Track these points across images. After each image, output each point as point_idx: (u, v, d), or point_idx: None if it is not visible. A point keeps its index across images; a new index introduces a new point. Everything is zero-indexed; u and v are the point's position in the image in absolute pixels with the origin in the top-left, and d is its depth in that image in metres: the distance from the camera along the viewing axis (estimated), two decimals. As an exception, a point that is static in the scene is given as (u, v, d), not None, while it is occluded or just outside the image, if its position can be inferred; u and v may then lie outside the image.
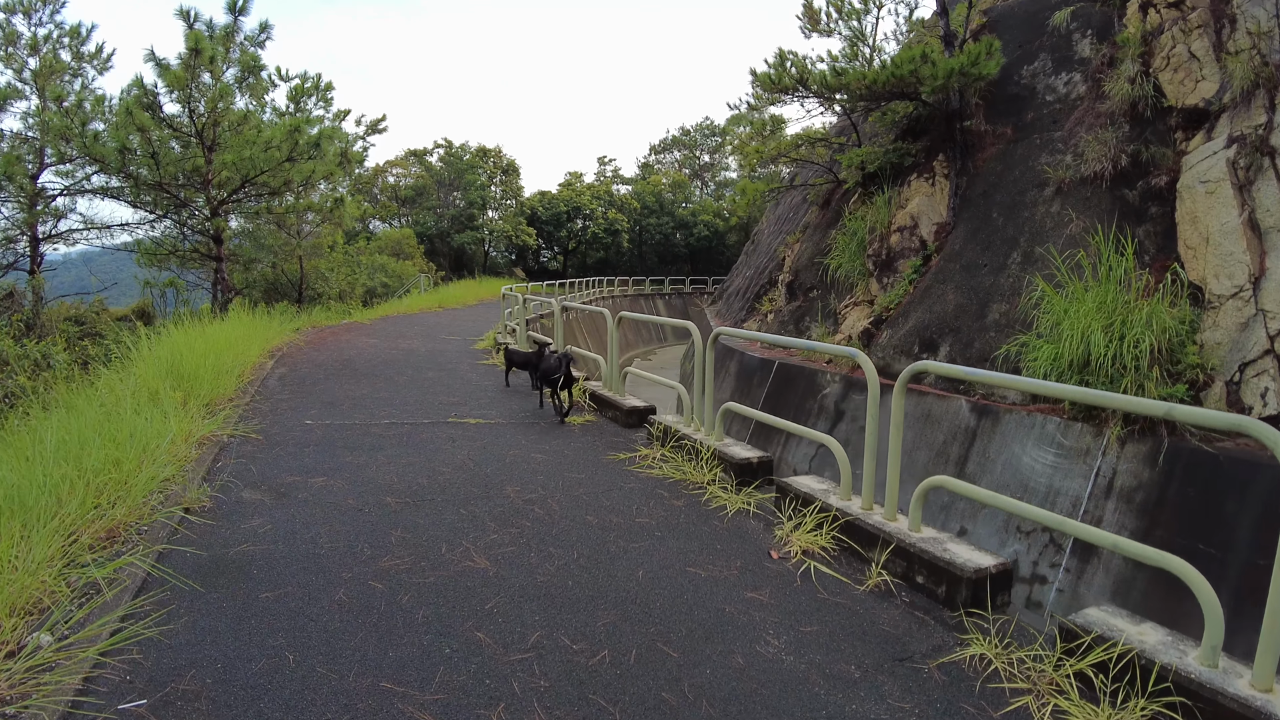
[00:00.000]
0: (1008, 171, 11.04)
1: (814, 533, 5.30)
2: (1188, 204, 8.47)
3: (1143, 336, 7.47)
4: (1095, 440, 7.62)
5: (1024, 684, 3.51)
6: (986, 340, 9.56)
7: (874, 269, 12.55)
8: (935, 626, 4.09)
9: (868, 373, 5.40)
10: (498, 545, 5.12)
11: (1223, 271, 7.88)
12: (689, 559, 4.96)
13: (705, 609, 4.24)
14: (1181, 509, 6.91)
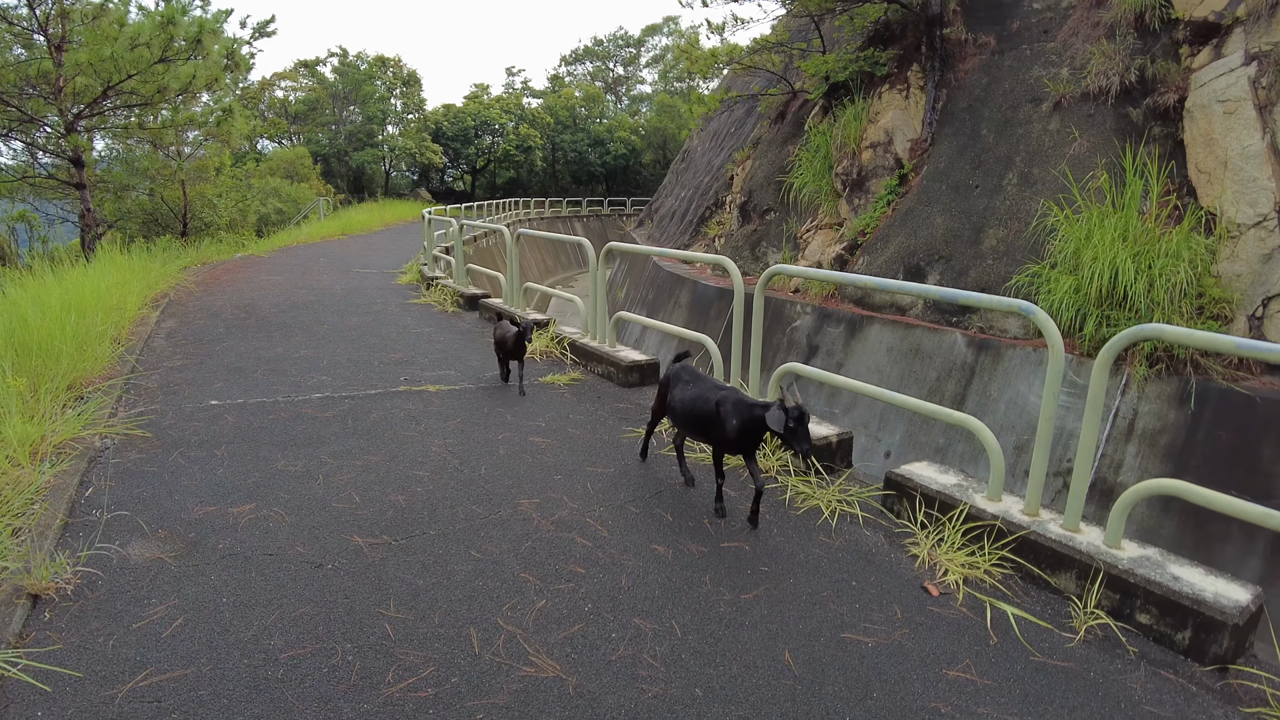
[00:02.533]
0: (995, 85, 10.28)
1: (968, 551, 4.05)
2: (1201, 125, 7.89)
3: (1174, 268, 6.89)
4: (1114, 379, 7.09)
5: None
6: (984, 269, 8.91)
7: (843, 189, 11.72)
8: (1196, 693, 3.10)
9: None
10: (555, 621, 3.39)
11: (1244, 199, 7.36)
12: (830, 613, 3.54)
13: (906, 712, 2.94)
14: (1213, 454, 6.46)
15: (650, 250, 7.25)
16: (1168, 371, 6.80)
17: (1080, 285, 7.21)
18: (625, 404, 6.62)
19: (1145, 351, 6.88)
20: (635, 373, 7.13)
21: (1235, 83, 7.74)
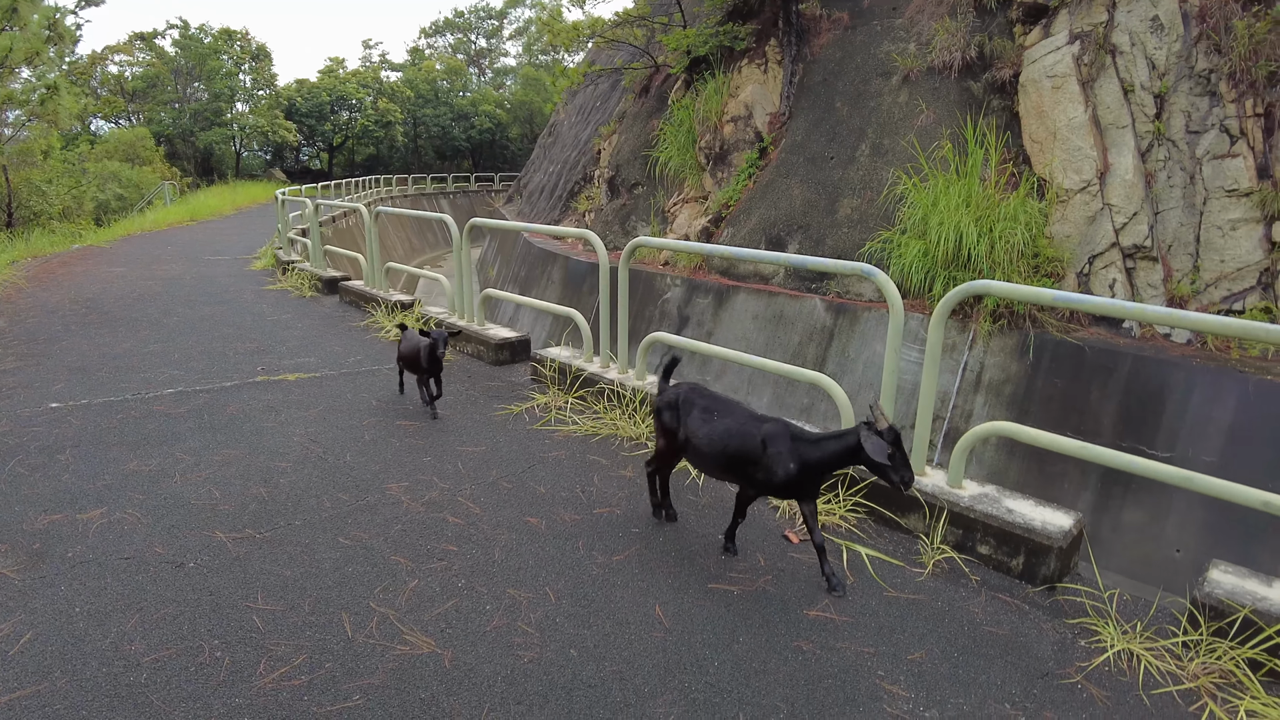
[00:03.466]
0: (848, 59, 10.66)
1: (824, 500, 4.27)
2: (1033, 98, 8.46)
3: (1011, 230, 7.38)
4: (961, 335, 7.54)
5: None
6: (840, 236, 9.26)
7: (707, 162, 11.91)
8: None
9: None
10: (428, 600, 3.36)
11: (1071, 166, 7.95)
12: (698, 566, 3.67)
13: (770, 652, 3.09)
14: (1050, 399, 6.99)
15: (516, 226, 7.06)
16: (1009, 327, 7.30)
17: (928, 249, 7.61)
18: (496, 382, 6.55)
19: (989, 309, 7.34)
20: (505, 350, 7.03)
21: (1062, 60, 8.32)
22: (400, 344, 5.86)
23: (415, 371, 5.65)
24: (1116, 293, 7.34)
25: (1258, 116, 7.48)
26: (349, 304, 9.92)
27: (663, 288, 10.77)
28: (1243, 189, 7.21)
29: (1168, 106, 7.91)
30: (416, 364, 5.58)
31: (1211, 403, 6.39)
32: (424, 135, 60.81)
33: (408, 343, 5.69)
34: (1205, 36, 7.96)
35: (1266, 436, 6.11)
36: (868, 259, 8.46)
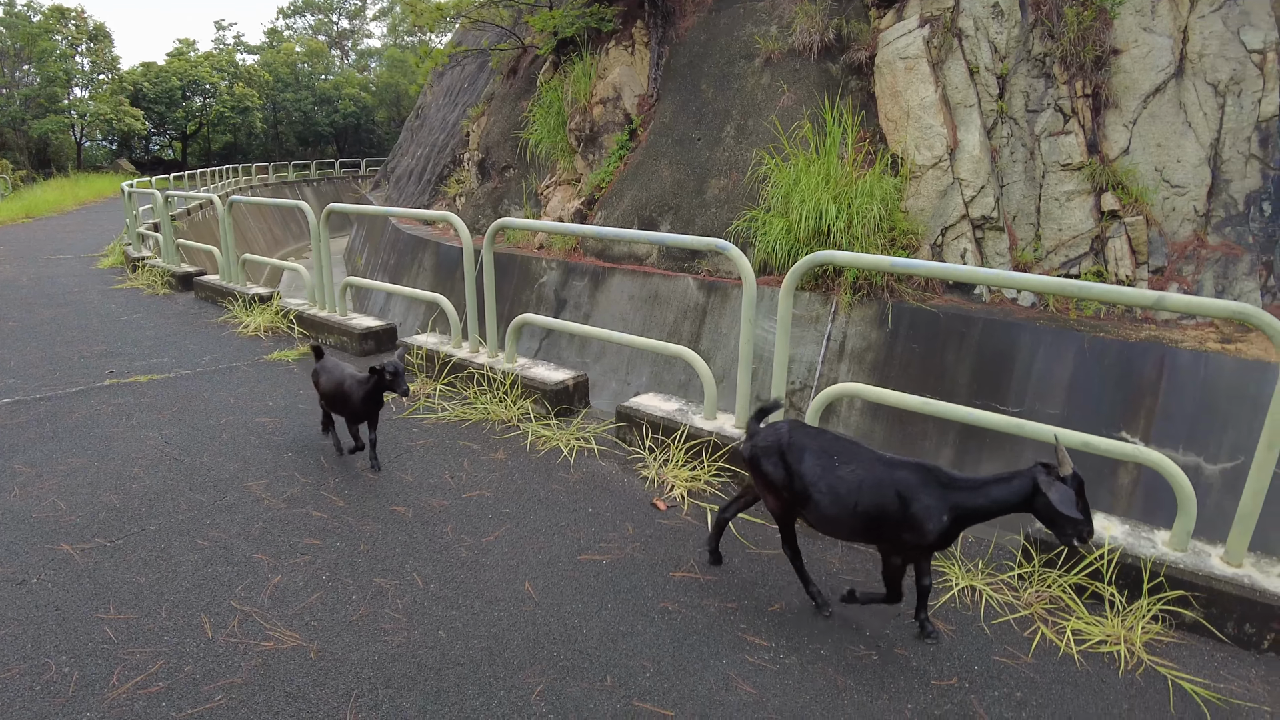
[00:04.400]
0: (713, 41, 10.79)
1: (690, 468, 4.32)
2: (888, 79, 8.79)
3: (869, 206, 7.65)
4: (824, 307, 7.79)
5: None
6: (709, 216, 9.39)
7: (578, 145, 11.83)
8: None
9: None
10: (291, 595, 3.25)
11: (923, 143, 8.32)
12: (568, 540, 3.74)
13: (638, 615, 3.17)
14: (909, 364, 7.32)
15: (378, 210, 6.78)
16: (869, 298, 7.58)
17: (791, 226, 7.81)
18: (363, 374, 6.30)
19: (849, 282, 7.61)
20: (370, 340, 6.77)
21: (913, 43, 8.67)
22: (317, 377, 4.43)
23: (342, 412, 4.27)
24: (967, 261, 7.76)
25: (1086, 97, 8.03)
26: (205, 300, 9.33)
27: (538, 271, 10.65)
28: (1075, 163, 7.73)
29: (1009, 87, 8.39)
30: (344, 403, 4.18)
31: (1054, 360, 6.85)
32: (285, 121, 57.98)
33: (329, 375, 4.32)
34: (1040, 22, 8.47)
35: (1098, 387, 6.61)
36: (735, 237, 8.61)
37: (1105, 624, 3.19)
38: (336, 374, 4.28)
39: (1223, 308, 3.16)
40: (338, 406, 4.29)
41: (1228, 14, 7.80)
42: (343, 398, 4.19)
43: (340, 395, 4.21)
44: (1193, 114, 7.67)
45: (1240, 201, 7.37)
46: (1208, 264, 7.24)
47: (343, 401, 4.22)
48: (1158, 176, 7.58)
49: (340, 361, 4.42)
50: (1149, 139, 7.72)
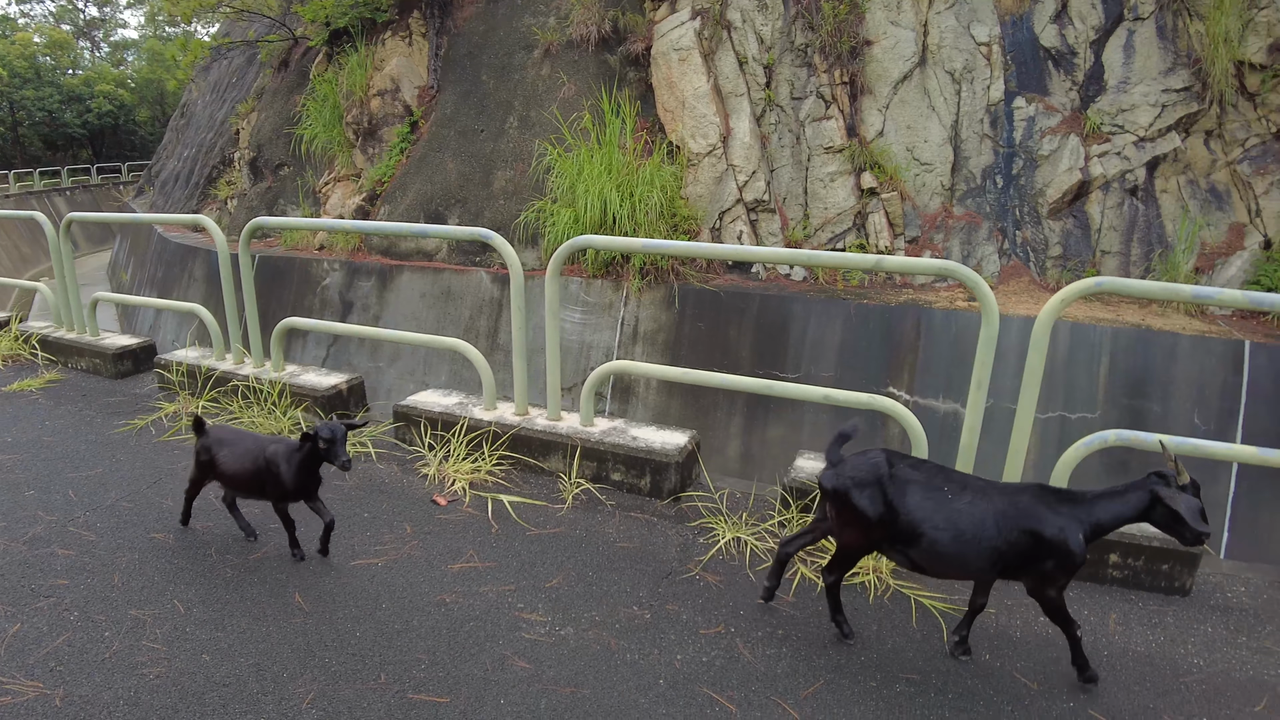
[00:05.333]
0: (492, 32, 10.62)
1: (472, 460, 4.22)
2: (664, 70, 9.00)
3: (650, 194, 7.80)
4: (617, 294, 7.87)
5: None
6: (497, 208, 9.23)
7: (356, 139, 11.29)
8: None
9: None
10: (33, 642, 2.92)
11: (698, 132, 8.59)
12: (342, 547, 3.51)
13: (413, 611, 3.04)
14: (697, 342, 7.55)
15: (125, 218, 6.12)
16: (656, 282, 7.74)
17: (578, 216, 7.83)
18: (117, 396, 5.66)
19: (637, 267, 7.73)
20: (127, 360, 6.09)
21: (686, 34, 8.92)
22: (211, 455, 3.38)
23: (262, 495, 3.34)
24: (744, 242, 8.09)
25: (844, 84, 8.58)
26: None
27: (320, 274, 10.06)
28: (836, 146, 8.26)
29: (775, 76, 8.82)
30: (271, 482, 3.26)
31: (825, 327, 7.29)
32: (26, 122, 51.33)
33: (235, 450, 3.35)
34: (801, 15, 8.96)
35: (866, 348, 7.10)
36: (524, 228, 8.54)
37: (863, 561, 3.43)
38: (247, 447, 3.34)
39: (930, 265, 3.48)
40: (256, 488, 3.32)
41: (959, 10, 8.59)
42: (267, 476, 3.25)
43: (262, 473, 3.27)
44: (935, 99, 8.40)
45: (978, 176, 8.17)
46: (954, 232, 7.96)
47: (269, 481, 3.26)
48: (909, 156, 8.25)
49: (242, 430, 3.53)
50: (900, 122, 8.38)
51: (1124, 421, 6.77)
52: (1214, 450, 3.60)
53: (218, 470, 3.35)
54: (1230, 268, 7.51)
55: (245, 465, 3.29)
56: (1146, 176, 7.91)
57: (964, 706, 2.76)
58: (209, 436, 3.40)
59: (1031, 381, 3.52)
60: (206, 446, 3.38)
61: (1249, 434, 6.72)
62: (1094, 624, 3.32)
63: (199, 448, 3.41)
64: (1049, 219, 7.90)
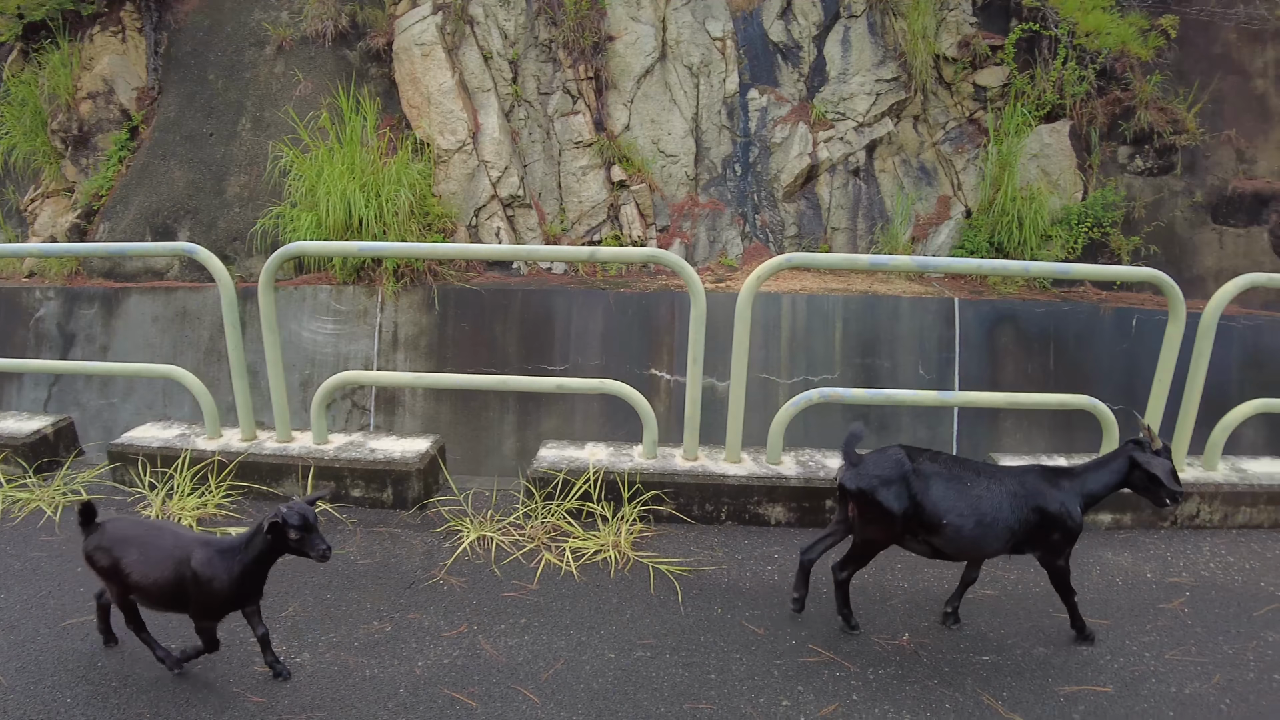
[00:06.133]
0: (218, 27, 9.82)
1: (199, 494, 3.89)
2: (406, 65, 8.72)
3: (397, 193, 7.52)
4: (371, 299, 7.53)
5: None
6: (233, 217, 8.56)
7: (65, 148, 10.06)
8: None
9: None
10: None
11: (446, 128, 8.40)
12: (50, 609, 3.11)
13: (135, 661, 2.76)
14: (462, 343, 7.38)
15: None
16: (413, 284, 7.48)
17: (320, 219, 7.40)
18: None
19: (391, 270, 7.43)
20: None
21: (428, 29, 8.67)
22: (111, 557, 2.59)
23: (184, 609, 2.60)
24: (502, 239, 8.01)
25: (590, 79, 8.70)
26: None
27: (32, 304, 8.88)
28: (586, 140, 8.36)
29: (521, 71, 8.79)
30: (201, 595, 2.52)
31: (588, 318, 7.37)
32: None
33: (147, 551, 2.56)
34: (544, 11, 8.97)
35: (627, 335, 7.26)
36: (264, 236, 7.96)
37: (600, 536, 3.51)
38: (163, 546, 2.56)
39: (638, 254, 3.62)
40: (179, 601, 2.56)
41: (695, 7, 8.95)
42: (195, 586, 2.50)
43: (188, 583, 2.51)
44: (676, 93, 8.71)
45: (719, 165, 8.57)
46: (701, 219, 8.31)
47: (198, 594, 2.51)
48: (655, 148, 8.51)
49: (153, 522, 2.73)
50: (644, 115, 8.62)
51: (859, 379, 7.36)
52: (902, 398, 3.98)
53: (121, 576, 2.57)
54: (940, 235, 8.36)
55: (162, 571, 2.52)
56: (866, 158, 8.64)
57: (696, 661, 2.86)
58: (104, 533, 2.62)
59: (740, 352, 3.73)
60: (101, 548, 2.59)
61: (964, 379, 7.52)
62: (816, 564, 3.53)
63: (93, 548, 2.61)
64: (784, 202, 8.44)
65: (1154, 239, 8.56)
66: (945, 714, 2.68)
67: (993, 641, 3.08)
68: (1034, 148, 8.59)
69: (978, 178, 8.56)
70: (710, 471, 3.86)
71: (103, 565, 2.58)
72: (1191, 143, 8.68)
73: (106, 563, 2.57)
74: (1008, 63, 8.77)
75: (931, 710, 2.69)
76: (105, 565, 2.58)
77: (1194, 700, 2.79)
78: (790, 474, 3.86)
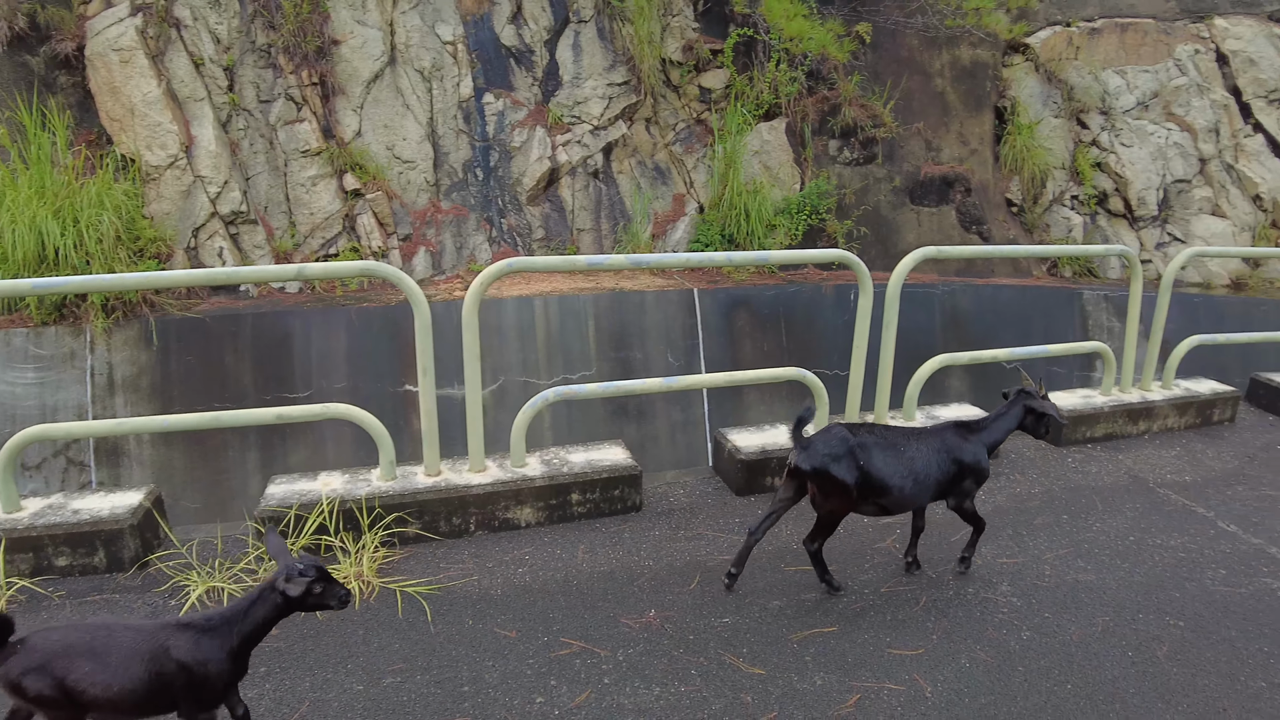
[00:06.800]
0: None
1: None
2: (103, 73, 7.92)
3: (100, 217, 6.85)
4: (78, 340, 6.83)
5: None
6: (-103, 252, 7.41)
7: None
8: None
9: None
10: None
11: (155, 143, 7.74)
12: None
13: None
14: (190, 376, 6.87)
15: None
16: (126, 318, 6.86)
17: (6, 254, 6.59)
18: None
19: (98, 305, 6.77)
20: None
21: (126, 32, 7.90)
22: (42, 676, 2.05)
23: (155, 713, 2.18)
24: (226, 260, 7.53)
25: (315, 85, 8.33)
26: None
27: None
28: (314, 149, 8.01)
29: (238, 78, 8.25)
30: (189, 691, 2.17)
31: (330, 337, 7.10)
32: None
33: (98, 660, 2.09)
34: (260, 13, 8.45)
35: (374, 351, 7.09)
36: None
37: (341, 568, 3.41)
38: (122, 645, 2.13)
39: (353, 268, 3.56)
40: (159, 704, 2.16)
41: (424, 10, 8.80)
42: (186, 678, 2.15)
43: (172, 678, 2.14)
44: (409, 97, 8.54)
45: (460, 170, 8.53)
46: (445, 226, 8.25)
47: (190, 687, 2.16)
48: (390, 154, 8.31)
49: (86, 624, 2.21)
50: (377, 121, 8.39)
51: (616, 372, 7.65)
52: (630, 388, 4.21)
53: (78, 701, 2.08)
54: (677, 231, 8.83)
55: (132, 676, 2.10)
56: (604, 160, 8.94)
57: (448, 676, 2.88)
58: (30, 651, 2.08)
59: (471, 359, 3.77)
60: (35, 669, 2.06)
61: (708, 361, 8.02)
62: (565, 558, 3.66)
63: (19, 675, 2.06)
64: (529, 205, 8.56)
65: (863, 221, 9.53)
66: (692, 680, 2.86)
67: (731, 604, 3.33)
68: (755, 145, 9.28)
69: (707, 175, 9.12)
70: (454, 484, 3.87)
71: (39, 693, 2.07)
72: (889, 135, 9.73)
73: (45, 687, 2.07)
74: (728, 66, 9.38)
75: (679, 679, 2.86)
76: (43, 692, 2.07)
77: (906, 624, 3.21)
78: (535, 474, 3.96)
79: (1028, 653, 3.04)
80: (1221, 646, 3.10)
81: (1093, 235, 10.66)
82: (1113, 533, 4.00)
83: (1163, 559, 3.76)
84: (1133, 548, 3.87)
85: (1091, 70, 11.13)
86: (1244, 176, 11.29)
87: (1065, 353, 5.41)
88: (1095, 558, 3.76)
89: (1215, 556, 3.80)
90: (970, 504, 3.38)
